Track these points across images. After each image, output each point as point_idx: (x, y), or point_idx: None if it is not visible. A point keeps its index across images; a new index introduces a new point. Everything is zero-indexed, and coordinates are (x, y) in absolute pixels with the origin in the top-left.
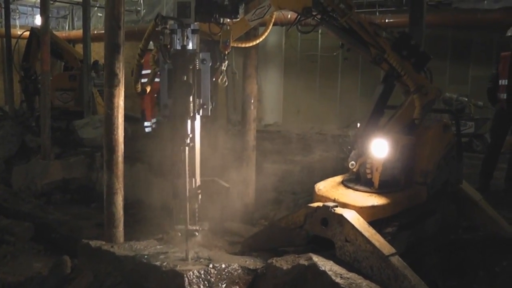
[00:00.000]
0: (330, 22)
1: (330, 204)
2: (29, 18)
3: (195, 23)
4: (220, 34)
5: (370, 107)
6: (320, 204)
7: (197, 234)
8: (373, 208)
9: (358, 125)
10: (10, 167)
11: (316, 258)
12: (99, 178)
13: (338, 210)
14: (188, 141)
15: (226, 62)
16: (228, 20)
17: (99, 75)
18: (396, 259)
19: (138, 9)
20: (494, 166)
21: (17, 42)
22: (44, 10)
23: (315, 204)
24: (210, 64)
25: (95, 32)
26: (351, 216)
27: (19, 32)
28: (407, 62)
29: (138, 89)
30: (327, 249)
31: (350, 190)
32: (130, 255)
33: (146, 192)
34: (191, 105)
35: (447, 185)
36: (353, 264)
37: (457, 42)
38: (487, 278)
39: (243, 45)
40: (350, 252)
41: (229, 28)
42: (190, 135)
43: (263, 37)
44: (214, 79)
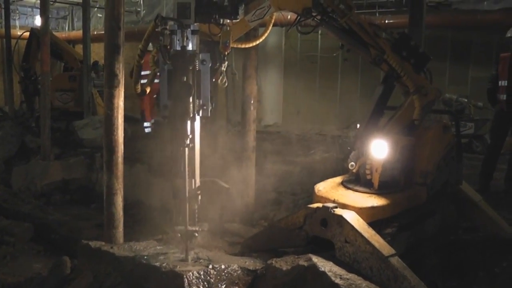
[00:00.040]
0: (330, 23)
1: (330, 205)
2: (29, 18)
3: (195, 24)
4: (220, 35)
5: (369, 108)
6: (319, 205)
7: (196, 235)
8: (372, 209)
9: (358, 126)
10: (10, 168)
11: (315, 259)
12: (99, 178)
13: (338, 211)
14: (188, 141)
15: (226, 63)
16: (228, 21)
17: (99, 76)
18: (395, 260)
19: (138, 9)
20: (494, 167)
21: (17, 42)
22: (44, 10)
23: (315, 205)
24: (210, 65)
25: (95, 32)
26: (351, 217)
27: (19, 32)
28: (407, 63)
29: (138, 89)
30: (327, 250)
31: (349, 191)
32: (130, 256)
33: (146, 192)
34: (191, 106)
35: (447, 186)
36: (352, 265)
37: (457, 43)
38: (487, 279)
39: (243, 45)
40: (350, 253)
41: (229, 29)
42: (190, 136)
43: (263, 37)
44: (214, 80)
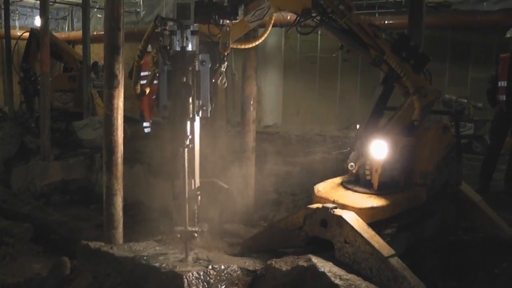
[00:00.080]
0: (330, 23)
1: (330, 205)
2: (28, 19)
3: (195, 25)
4: (219, 35)
5: (369, 109)
6: (319, 205)
7: (196, 235)
8: (372, 209)
9: (358, 126)
10: (10, 168)
11: (315, 259)
12: (99, 179)
13: (338, 212)
14: (187, 142)
15: (226, 63)
16: (227, 21)
17: (99, 76)
18: (395, 261)
19: (138, 10)
20: (493, 168)
21: (16, 43)
22: (43, 11)
23: (315, 205)
24: (209, 65)
25: (95, 33)
26: (351, 217)
27: (19, 33)
28: (407, 63)
29: (138, 90)
30: (327, 250)
31: (349, 192)
32: (130, 256)
33: (145, 193)
34: (191, 106)
35: (447, 186)
36: (352, 265)
37: (456, 43)
38: (487, 280)
39: (243, 46)
40: (350, 253)
41: (228, 29)
42: (190, 137)
43: (263, 38)
44: (213, 81)
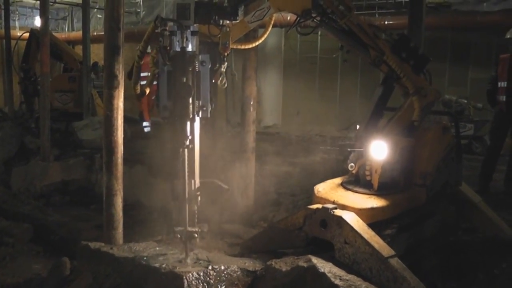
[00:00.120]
0: (330, 24)
1: (330, 206)
2: (28, 19)
3: (195, 25)
4: (219, 35)
5: (369, 109)
6: (319, 206)
7: (196, 235)
8: (372, 210)
9: (358, 127)
10: (9, 169)
11: (315, 260)
12: (99, 179)
13: (337, 212)
14: (187, 143)
15: (226, 63)
16: (227, 22)
17: (99, 77)
18: (395, 261)
19: (138, 10)
20: (493, 168)
21: (16, 43)
22: (43, 11)
23: (315, 206)
24: (209, 66)
25: (95, 33)
26: (350, 218)
27: (19, 33)
28: (406, 64)
29: (138, 90)
30: (326, 251)
31: (349, 192)
32: (129, 257)
33: (145, 193)
34: (191, 107)
35: (447, 187)
36: (352, 266)
37: (456, 44)
38: (487, 280)
39: (243, 47)
40: (349, 254)
41: (228, 30)
42: (190, 137)
43: (263, 39)
44: (213, 81)
